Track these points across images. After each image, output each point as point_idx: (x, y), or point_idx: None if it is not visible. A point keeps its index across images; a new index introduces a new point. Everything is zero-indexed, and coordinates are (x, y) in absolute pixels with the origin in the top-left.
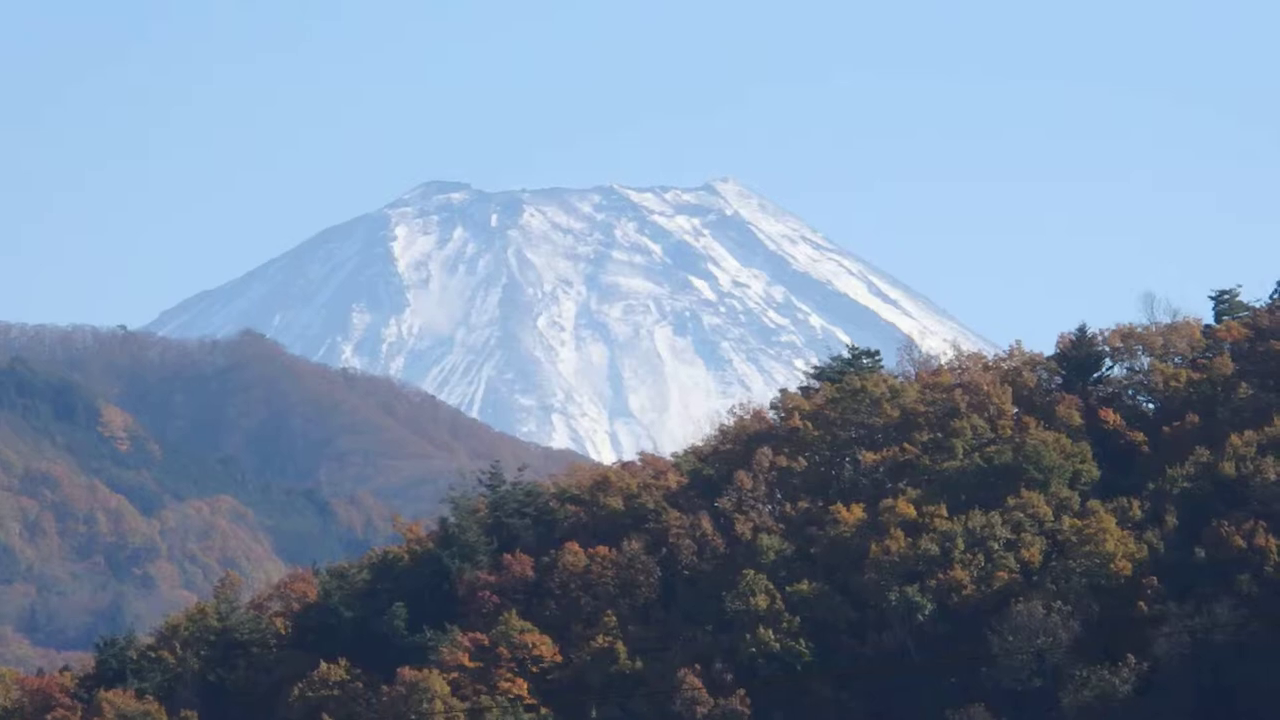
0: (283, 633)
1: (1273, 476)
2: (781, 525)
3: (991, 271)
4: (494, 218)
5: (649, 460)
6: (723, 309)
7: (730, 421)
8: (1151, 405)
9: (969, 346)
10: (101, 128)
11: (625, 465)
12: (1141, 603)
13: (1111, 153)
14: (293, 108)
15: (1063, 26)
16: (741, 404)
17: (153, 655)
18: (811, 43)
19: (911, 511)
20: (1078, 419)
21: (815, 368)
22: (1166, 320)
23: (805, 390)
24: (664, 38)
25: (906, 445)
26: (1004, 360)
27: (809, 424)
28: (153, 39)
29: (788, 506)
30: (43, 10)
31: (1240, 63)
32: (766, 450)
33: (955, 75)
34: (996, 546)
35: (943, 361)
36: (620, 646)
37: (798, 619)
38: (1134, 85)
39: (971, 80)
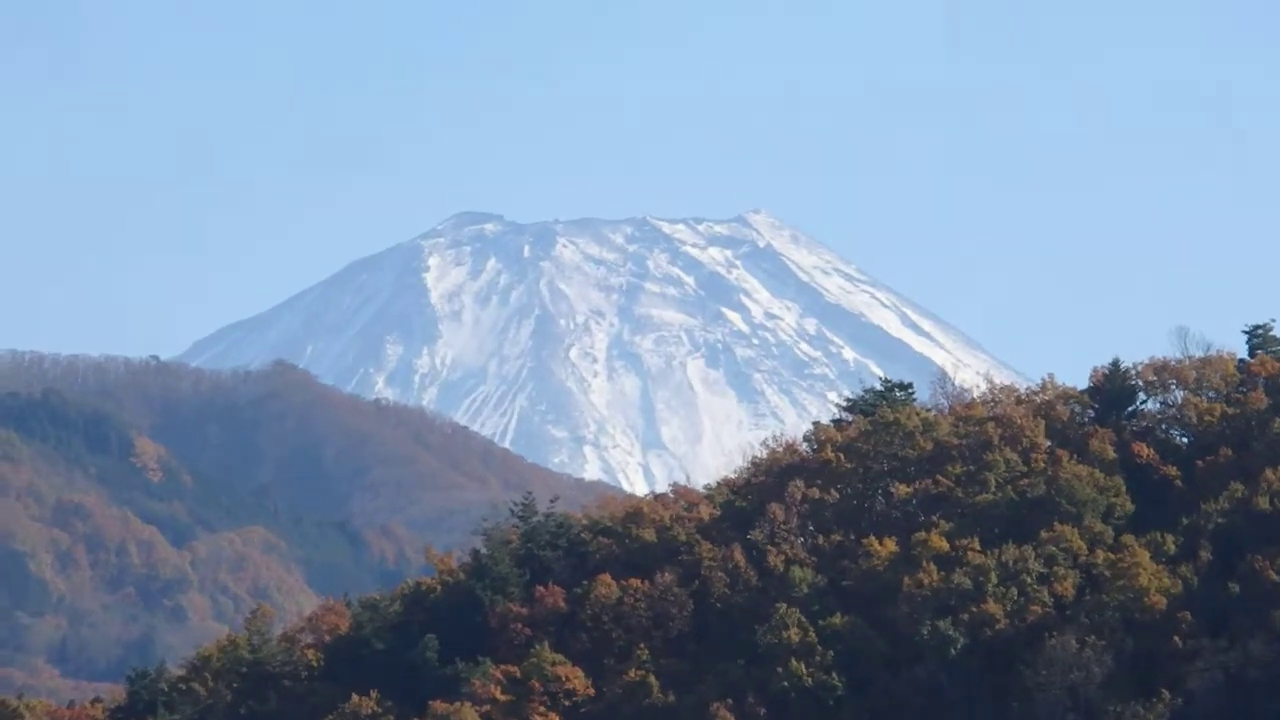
0: (314, 664)
1: None
2: (814, 558)
3: (1025, 304)
4: (526, 249)
5: (681, 492)
6: (755, 341)
7: (762, 453)
8: (1185, 439)
9: (1002, 379)
10: (133, 159)
11: (658, 497)
12: (1176, 638)
13: (1144, 186)
14: (326, 139)
15: (1095, 57)
16: (774, 436)
17: (184, 687)
18: (843, 76)
19: (944, 545)
20: (1111, 453)
21: (848, 400)
22: (1200, 354)
23: (838, 422)
24: (696, 71)
25: (939, 478)
26: (1037, 393)
27: (841, 456)
28: (183, 71)
29: (820, 539)
30: (65, 47)
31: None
32: (799, 482)
33: (987, 108)
34: (1030, 580)
35: (976, 394)
36: (652, 679)
37: (830, 652)
38: (1167, 119)
39: (1003, 114)
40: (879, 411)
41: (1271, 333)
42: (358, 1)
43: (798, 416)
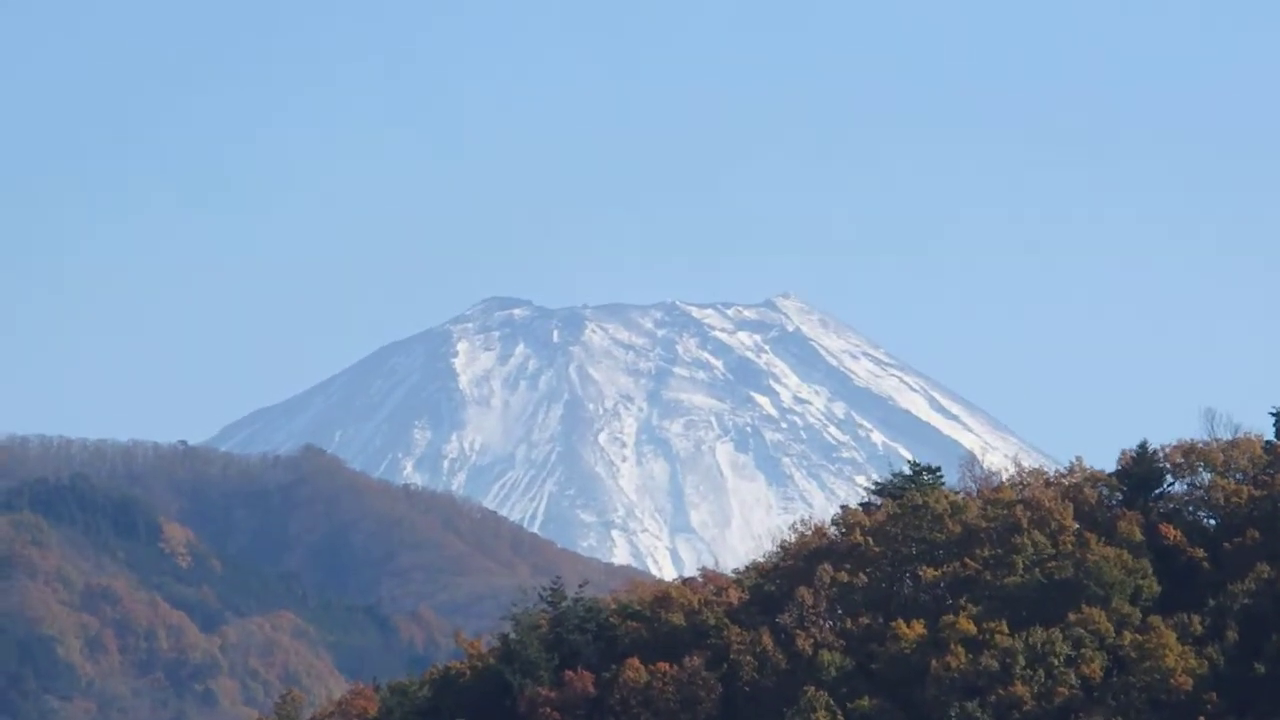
0: None
1: None
2: (842, 641)
3: (1052, 388)
4: (556, 334)
5: (710, 576)
6: (784, 425)
7: (791, 537)
8: (1212, 521)
9: (1030, 462)
10: (163, 243)
11: (686, 581)
12: (1202, 718)
13: (1172, 269)
14: (355, 224)
15: (1119, 139)
16: (803, 520)
17: None
18: (871, 162)
19: (972, 628)
20: (1139, 535)
21: (876, 484)
22: (1228, 436)
23: (866, 506)
24: (725, 157)
25: (967, 561)
26: (1065, 476)
27: (870, 540)
28: (210, 159)
29: (849, 622)
30: (96, 134)
31: None
32: (827, 566)
33: (1011, 189)
34: (1057, 662)
35: (1004, 478)
36: None
37: None
38: (1195, 200)
39: (1028, 195)
40: (907, 495)
41: None
42: (380, 90)
43: (826, 500)
